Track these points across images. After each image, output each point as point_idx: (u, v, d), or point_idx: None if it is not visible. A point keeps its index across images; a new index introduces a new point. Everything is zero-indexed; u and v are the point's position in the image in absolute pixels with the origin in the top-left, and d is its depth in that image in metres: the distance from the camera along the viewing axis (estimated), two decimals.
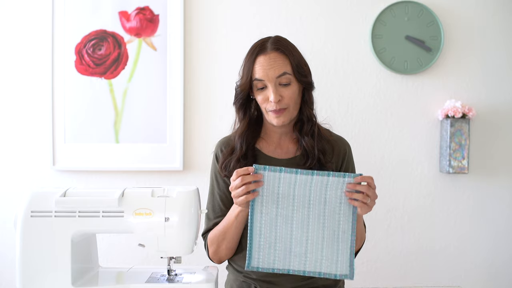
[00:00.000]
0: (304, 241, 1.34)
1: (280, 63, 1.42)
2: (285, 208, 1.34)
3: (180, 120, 2.39)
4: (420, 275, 2.48)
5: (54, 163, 2.39)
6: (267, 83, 1.43)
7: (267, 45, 1.45)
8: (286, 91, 1.43)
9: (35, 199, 1.34)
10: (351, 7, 2.45)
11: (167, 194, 1.35)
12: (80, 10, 2.39)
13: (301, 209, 1.33)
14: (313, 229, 1.34)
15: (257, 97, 1.47)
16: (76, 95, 2.39)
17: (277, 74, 1.42)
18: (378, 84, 2.46)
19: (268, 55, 1.43)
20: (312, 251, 1.34)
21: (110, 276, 1.47)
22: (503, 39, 2.48)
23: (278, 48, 1.43)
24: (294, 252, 1.35)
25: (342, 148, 1.55)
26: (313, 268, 1.35)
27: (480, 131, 2.48)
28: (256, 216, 1.34)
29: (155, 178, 2.42)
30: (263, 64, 1.42)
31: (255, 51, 1.45)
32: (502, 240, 2.50)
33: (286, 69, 1.43)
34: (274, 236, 1.35)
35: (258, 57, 1.43)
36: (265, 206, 1.34)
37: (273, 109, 1.44)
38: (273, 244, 1.35)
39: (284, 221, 1.34)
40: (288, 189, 1.32)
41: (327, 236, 1.34)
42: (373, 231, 2.45)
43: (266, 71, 1.42)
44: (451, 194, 2.48)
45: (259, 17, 2.43)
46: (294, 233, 1.34)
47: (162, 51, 2.39)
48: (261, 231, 1.35)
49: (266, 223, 1.34)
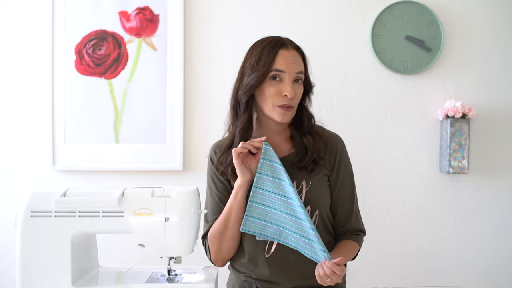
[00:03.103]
0: (293, 224, 1.41)
1: (300, 61, 1.48)
2: (280, 190, 1.42)
3: (180, 120, 2.39)
4: (420, 275, 2.48)
5: (54, 163, 2.39)
6: (286, 77, 1.44)
7: (286, 42, 1.48)
8: (298, 89, 1.47)
9: (35, 199, 1.34)
10: (351, 7, 2.45)
11: (167, 194, 1.35)
12: (80, 10, 2.39)
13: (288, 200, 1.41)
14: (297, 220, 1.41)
15: (267, 90, 1.45)
16: (76, 95, 2.39)
17: (297, 70, 1.46)
18: (378, 84, 2.46)
19: (290, 50, 1.46)
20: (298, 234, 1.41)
21: (110, 276, 1.47)
22: (503, 39, 2.48)
23: (297, 48, 1.49)
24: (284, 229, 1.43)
25: (334, 145, 1.56)
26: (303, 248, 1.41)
27: (480, 131, 2.48)
28: (256, 189, 1.43)
29: (155, 178, 2.42)
30: (287, 57, 1.45)
31: (277, 44, 1.46)
32: (502, 240, 2.50)
33: (302, 69, 1.48)
34: (267, 210, 1.43)
35: (281, 50, 1.45)
36: (264, 183, 1.42)
37: (283, 103, 1.44)
38: (265, 217, 1.43)
39: (278, 201, 1.42)
40: (282, 178, 1.41)
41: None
42: (373, 231, 2.45)
43: (289, 64, 1.44)
44: (451, 194, 2.48)
45: (259, 17, 2.43)
46: (284, 215, 1.42)
47: (162, 51, 2.39)
48: (258, 202, 1.44)
49: (264, 197, 1.43)
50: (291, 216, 1.39)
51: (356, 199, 1.59)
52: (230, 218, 1.47)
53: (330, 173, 1.53)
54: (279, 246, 1.47)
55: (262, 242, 1.48)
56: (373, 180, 2.46)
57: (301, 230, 1.38)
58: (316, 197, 1.47)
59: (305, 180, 1.48)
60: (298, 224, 1.39)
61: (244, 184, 1.45)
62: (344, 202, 1.55)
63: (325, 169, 1.51)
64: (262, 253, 1.48)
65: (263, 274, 1.49)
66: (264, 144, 1.43)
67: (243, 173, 1.44)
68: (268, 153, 1.42)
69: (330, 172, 1.53)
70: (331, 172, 1.53)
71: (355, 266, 2.32)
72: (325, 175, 1.52)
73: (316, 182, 1.49)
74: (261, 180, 1.43)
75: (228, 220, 1.48)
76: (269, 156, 1.42)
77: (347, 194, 1.56)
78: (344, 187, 1.55)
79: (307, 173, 1.48)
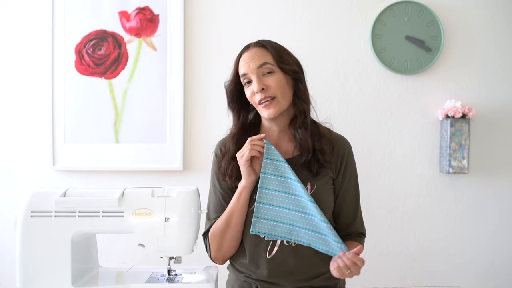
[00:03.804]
0: (302, 220, 1.41)
1: (259, 54, 1.48)
2: (285, 188, 1.42)
3: (180, 120, 2.39)
4: (420, 275, 2.48)
5: (54, 163, 2.39)
6: (251, 76, 1.47)
7: (249, 45, 1.52)
8: (270, 79, 1.46)
9: (35, 199, 1.34)
10: (351, 7, 2.45)
11: (167, 194, 1.35)
12: (80, 10, 2.39)
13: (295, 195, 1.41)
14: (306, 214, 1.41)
15: (246, 94, 1.51)
16: (76, 95, 2.40)
17: (258, 65, 1.47)
18: (378, 84, 2.46)
19: (250, 50, 1.50)
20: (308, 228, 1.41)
21: (110, 276, 1.47)
22: (503, 39, 2.48)
23: (258, 43, 1.51)
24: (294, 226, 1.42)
25: (341, 148, 1.55)
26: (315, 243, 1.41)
27: (480, 131, 2.48)
28: (262, 189, 1.42)
29: (155, 178, 2.42)
30: (245, 59, 1.49)
31: (242, 51, 1.53)
32: (502, 240, 2.50)
33: (266, 59, 1.47)
34: (276, 210, 1.42)
35: (243, 55, 1.51)
36: (270, 182, 1.42)
37: (260, 98, 1.46)
38: (274, 217, 1.42)
39: (284, 199, 1.42)
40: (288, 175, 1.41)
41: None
42: (373, 231, 2.45)
43: (247, 64, 1.48)
44: (451, 194, 2.48)
45: (259, 17, 2.43)
46: (292, 211, 1.42)
47: (162, 51, 2.39)
48: (266, 203, 1.43)
49: (271, 197, 1.42)
50: (301, 213, 1.40)
51: (359, 203, 1.59)
52: (233, 218, 1.47)
53: (335, 176, 1.52)
54: (281, 248, 1.47)
55: (264, 243, 1.47)
56: (373, 180, 2.46)
57: (312, 226, 1.39)
58: (320, 201, 1.45)
59: (311, 183, 1.48)
60: (308, 220, 1.39)
61: (249, 185, 1.45)
62: (349, 205, 1.55)
63: (331, 172, 1.51)
64: (263, 254, 1.48)
65: (263, 275, 1.48)
66: (266, 143, 1.43)
67: (249, 175, 1.44)
68: (270, 152, 1.42)
69: (336, 175, 1.52)
70: (337, 175, 1.52)
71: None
72: (331, 178, 1.51)
73: (321, 186, 1.48)
74: (266, 180, 1.42)
75: (230, 220, 1.47)
76: (272, 155, 1.42)
77: (352, 198, 1.56)
78: (350, 190, 1.55)
79: (313, 176, 1.48)
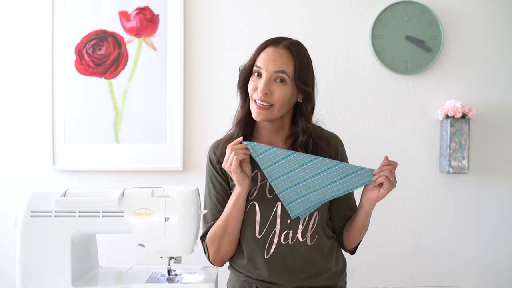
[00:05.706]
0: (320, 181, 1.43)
1: (284, 61, 1.43)
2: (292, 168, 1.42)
3: (180, 120, 2.39)
4: (420, 275, 2.48)
5: (54, 163, 2.39)
6: (263, 73, 1.43)
7: (281, 41, 1.47)
8: (278, 87, 1.43)
9: (35, 199, 1.34)
10: (351, 7, 2.45)
11: (167, 194, 1.35)
12: (80, 10, 2.39)
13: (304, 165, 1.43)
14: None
15: (249, 84, 1.47)
16: (76, 95, 2.39)
17: (276, 69, 1.43)
18: (378, 84, 2.46)
19: (277, 49, 1.45)
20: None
21: (110, 276, 1.47)
22: (503, 39, 2.48)
23: (289, 48, 1.45)
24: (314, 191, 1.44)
25: (334, 145, 1.56)
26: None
27: (480, 131, 2.47)
28: (274, 181, 1.43)
29: (155, 178, 2.42)
30: (268, 54, 1.44)
31: (268, 41, 1.47)
32: (501, 240, 2.50)
33: (286, 68, 1.43)
34: (298, 187, 1.43)
35: (268, 47, 1.46)
36: (275, 172, 1.42)
37: (257, 98, 1.43)
38: (301, 193, 1.43)
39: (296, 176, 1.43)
40: (284, 156, 1.43)
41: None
42: (373, 231, 2.44)
43: (267, 62, 1.43)
44: (451, 194, 2.48)
45: (259, 17, 2.43)
46: (309, 180, 1.43)
47: (162, 51, 2.39)
48: (285, 188, 1.43)
49: (286, 182, 1.42)
50: (319, 175, 1.41)
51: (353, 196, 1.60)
52: (229, 223, 1.47)
53: None
54: (278, 247, 1.47)
55: (261, 243, 1.47)
56: None
57: (335, 176, 1.42)
58: None
59: None
60: (329, 175, 1.42)
61: (245, 189, 1.44)
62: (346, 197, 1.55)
63: None
64: (261, 254, 1.48)
65: (262, 275, 1.48)
66: (247, 144, 1.42)
67: (243, 180, 1.43)
68: (256, 149, 1.42)
69: None
70: None
71: (355, 266, 2.33)
72: None
73: None
74: (271, 172, 1.42)
75: (227, 225, 1.47)
76: (259, 150, 1.42)
77: None
78: None
79: None
